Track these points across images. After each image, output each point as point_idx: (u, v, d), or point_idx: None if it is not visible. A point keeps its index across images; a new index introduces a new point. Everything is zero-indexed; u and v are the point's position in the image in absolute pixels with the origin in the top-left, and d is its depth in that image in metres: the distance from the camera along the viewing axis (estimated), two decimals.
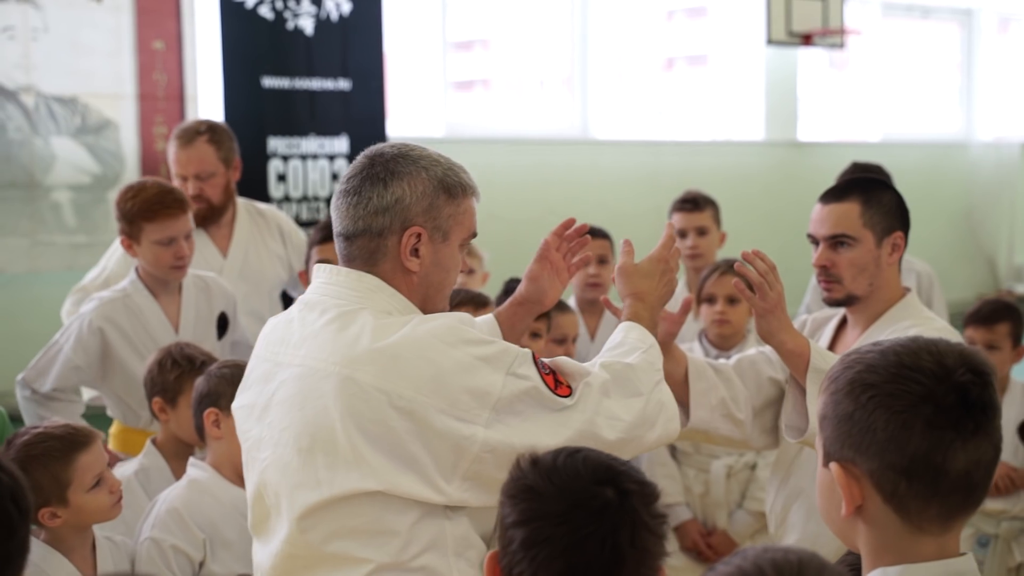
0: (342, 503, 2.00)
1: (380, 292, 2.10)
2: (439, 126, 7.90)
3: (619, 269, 2.40)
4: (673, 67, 10.03)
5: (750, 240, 8.67)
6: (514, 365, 2.04)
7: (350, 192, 2.11)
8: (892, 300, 2.64)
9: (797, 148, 9.41)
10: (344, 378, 1.98)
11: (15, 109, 5.88)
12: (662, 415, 2.20)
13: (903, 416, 1.38)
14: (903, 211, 2.65)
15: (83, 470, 2.54)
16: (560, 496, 1.49)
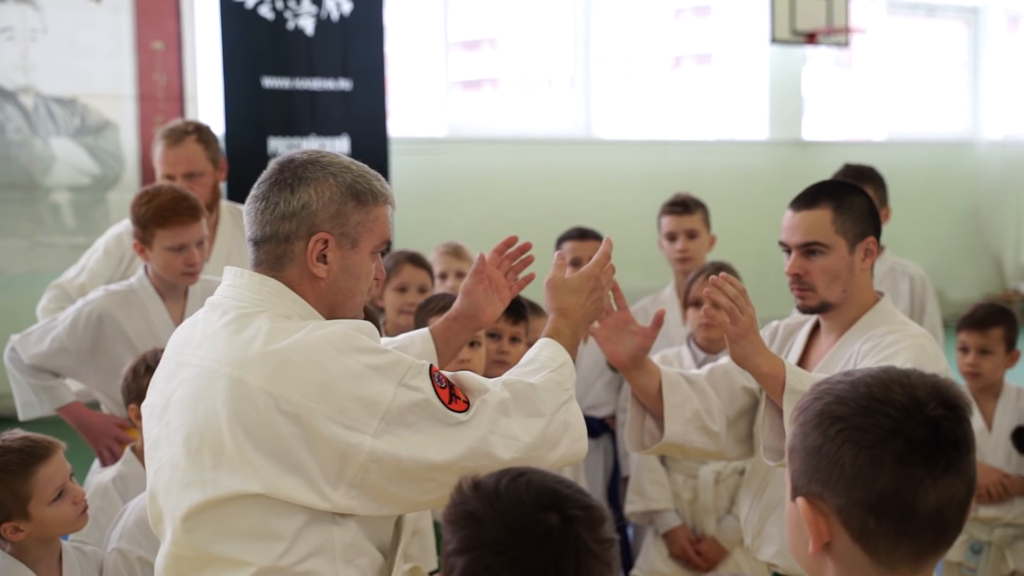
0: (226, 504, 1.99)
1: (281, 296, 2.10)
2: (441, 126, 7.90)
3: (547, 282, 2.39)
4: (680, 66, 10.01)
5: (753, 240, 8.69)
6: (407, 376, 2.03)
7: (259, 198, 2.12)
8: (866, 306, 2.62)
9: (802, 147, 9.38)
10: (234, 380, 1.99)
11: (14, 110, 5.88)
12: (566, 436, 2.19)
13: (872, 451, 1.34)
14: (874, 215, 2.63)
15: (43, 483, 2.49)
16: (501, 523, 1.44)
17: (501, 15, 8.76)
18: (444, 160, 7.74)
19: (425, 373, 2.06)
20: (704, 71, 9.78)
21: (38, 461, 2.52)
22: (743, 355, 2.39)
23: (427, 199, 7.49)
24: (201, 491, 2.00)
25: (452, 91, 8.10)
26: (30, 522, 2.49)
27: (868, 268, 2.61)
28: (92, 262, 3.97)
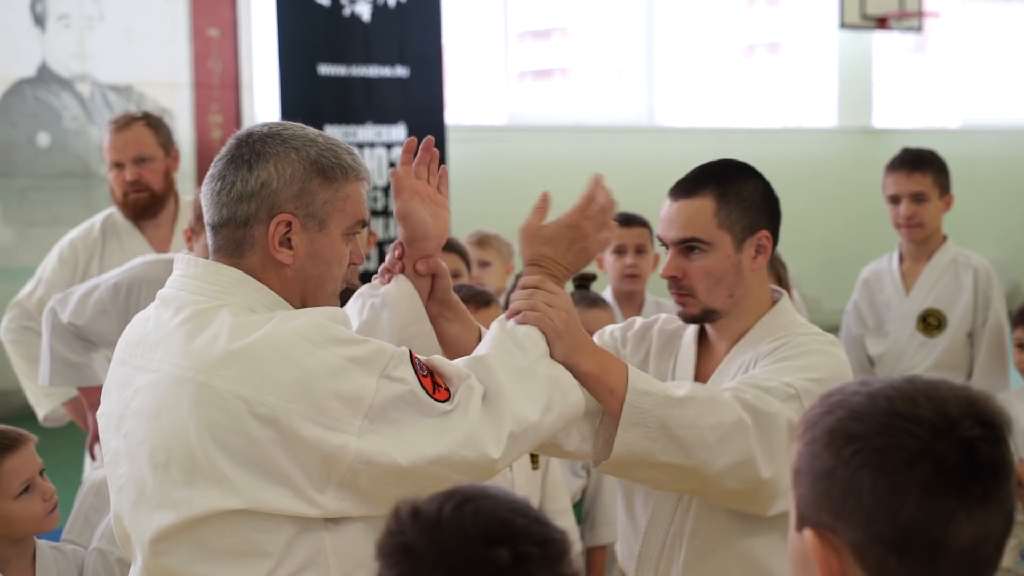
0: (203, 524, 1.79)
1: (242, 286, 1.87)
2: (501, 114, 7.79)
3: (521, 230, 2.10)
4: (751, 54, 9.81)
5: (820, 230, 8.48)
6: (389, 367, 1.81)
7: (214, 177, 1.90)
8: (760, 310, 2.23)
9: (872, 135, 9.13)
10: (200, 385, 1.77)
11: (71, 98, 5.88)
12: (556, 392, 1.97)
13: (894, 478, 1.13)
14: (771, 203, 2.22)
15: (8, 476, 2.38)
16: (442, 561, 1.22)
17: (571, 4, 8.64)
18: (503, 148, 7.64)
19: (407, 361, 1.84)
20: (773, 59, 9.57)
21: (4, 452, 2.39)
22: (563, 355, 2.03)
23: (485, 188, 7.40)
24: (173, 511, 1.80)
25: (519, 80, 8.00)
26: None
27: (761, 267, 2.22)
28: (47, 273, 3.89)
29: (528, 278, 2.06)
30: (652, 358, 2.34)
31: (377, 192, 6.59)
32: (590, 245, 2.09)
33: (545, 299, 2.03)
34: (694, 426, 1.99)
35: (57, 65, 5.84)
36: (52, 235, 5.84)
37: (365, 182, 1.94)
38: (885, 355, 3.93)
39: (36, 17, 5.77)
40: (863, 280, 4.07)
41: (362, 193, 1.93)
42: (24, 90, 5.77)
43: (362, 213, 1.94)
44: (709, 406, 2.00)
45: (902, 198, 3.83)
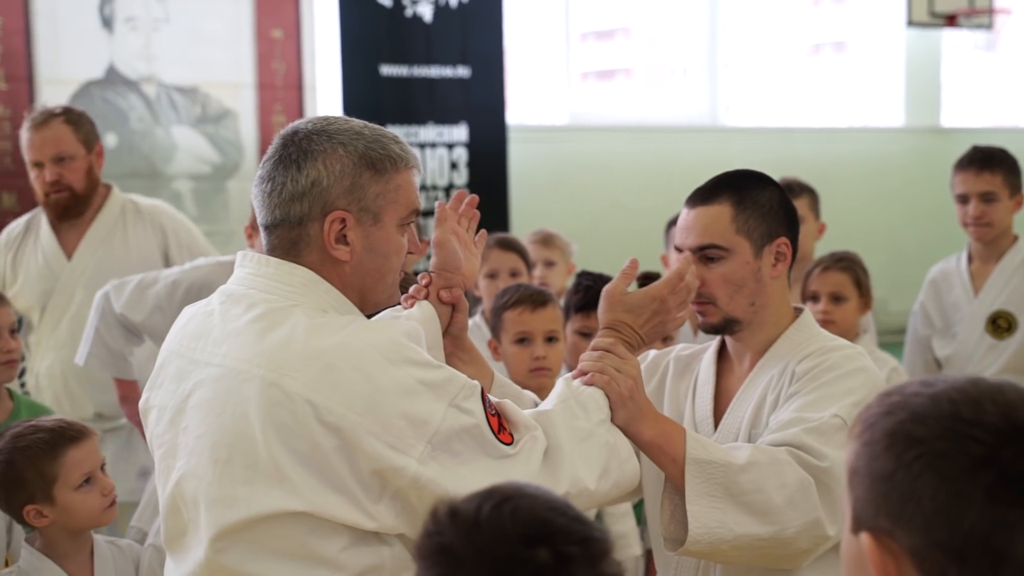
0: (263, 523, 1.78)
1: (314, 287, 1.87)
2: (563, 114, 7.77)
3: (604, 292, 2.13)
4: (817, 53, 9.70)
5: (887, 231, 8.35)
6: (459, 397, 1.80)
7: (264, 179, 1.89)
8: (783, 322, 2.21)
9: (940, 134, 8.98)
10: (269, 383, 1.76)
11: (137, 99, 5.96)
12: (613, 459, 1.95)
13: (957, 484, 1.09)
14: (788, 211, 2.21)
15: (71, 466, 2.43)
16: (481, 562, 1.20)
17: (634, 4, 8.59)
18: (565, 148, 7.62)
19: (477, 395, 1.84)
20: (839, 58, 9.45)
21: (68, 443, 2.44)
22: (625, 421, 2.02)
23: (547, 187, 7.38)
24: (234, 509, 1.79)
25: (581, 80, 7.97)
26: (54, 507, 2.43)
27: (782, 275, 2.20)
28: None
29: (601, 340, 2.08)
30: (669, 384, 2.33)
31: (438, 192, 6.60)
32: (668, 321, 2.12)
33: (615, 364, 2.03)
34: (760, 490, 1.97)
35: (124, 67, 5.92)
36: None
37: (415, 170, 1.93)
38: (953, 357, 3.86)
39: (104, 20, 5.86)
40: (931, 280, 3.99)
41: (413, 182, 1.92)
42: (92, 92, 5.86)
43: (415, 202, 1.93)
44: (772, 468, 1.98)
45: (971, 197, 3.75)
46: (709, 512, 1.97)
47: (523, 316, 3.13)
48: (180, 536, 1.91)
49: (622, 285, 2.12)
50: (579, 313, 3.37)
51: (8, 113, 5.64)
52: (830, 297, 3.50)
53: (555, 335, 3.18)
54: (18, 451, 2.43)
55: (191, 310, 1.98)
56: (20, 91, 5.66)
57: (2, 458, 2.44)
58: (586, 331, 3.29)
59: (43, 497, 2.42)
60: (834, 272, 3.51)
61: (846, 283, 3.51)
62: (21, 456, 2.42)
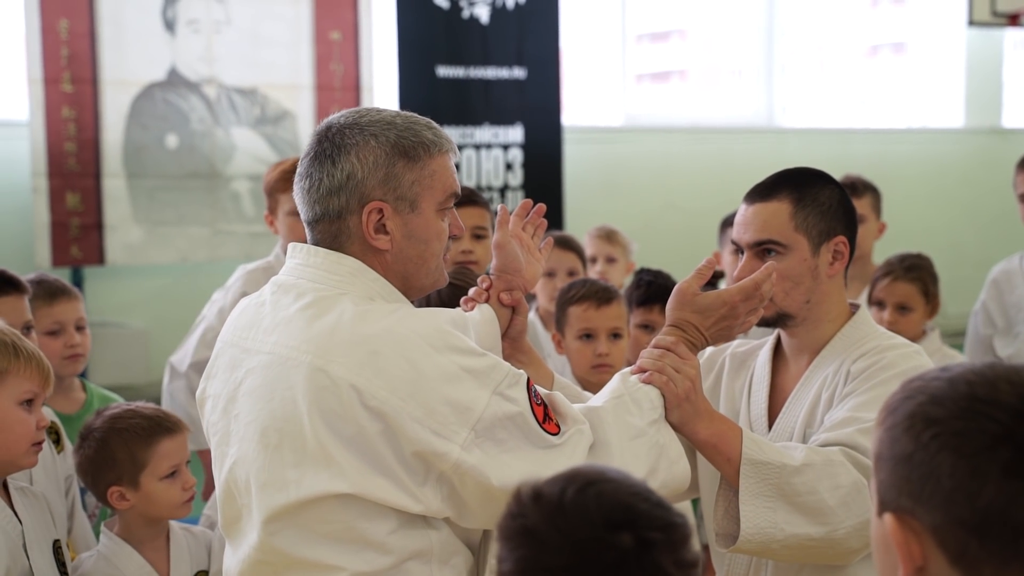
0: (311, 506, 1.82)
1: (362, 276, 1.90)
2: (618, 115, 7.77)
3: (676, 289, 2.12)
4: (876, 54, 9.61)
5: (946, 233, 8.27)
6: (503, 384, 1.82)
7: (302, 176, 1.93)
8: (839, 320, 2.20)
9: (1001, 135, 8.86)
10: (315, 369, 1.80)
11: (198, 100, 6.04)
12: (663, 459, 1.96)
13: (974, 461, 1.12)
14: (847, 210, 2.20)
15: (161, 456, 2.49)
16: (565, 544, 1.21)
17: (689, 6, 8.57)
18: (620, 149, 7.61)
19: (523, 384, 1.86)
20: (898, 59, 9.36)
21: (163, 433, 2.51)
22: (680, 420, 2.03)
23: (602, 188, 7.38)
24: (283, 492, 1.83)
25: (636, 82, 7.96)
26: (137, 492, 2.49)
27: (838, 273, 2.19)
28: None
29: (664, 338, 2.08)
30: (725, 381, 2.33)
31: (493, 193, 6.62)
32: (736, 327, 2.11)
33: (674, 363, 2.04)
34: (814, 492, 1.99)
35: (185, 69, 6.00)
36: (179, 234, 6.02)
37: (450, 154, 1.95)
38: (1015, 356, 3.82)
39: (167, 22, 5.94)
40: (992, 280, 3.95)
41: (449, 165, 1.94)
42: (154, 93, 5.95)
43: (452, 185, 1.95)
44: (826, 469, 1.99)
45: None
46: (762, 512, 1.99)
47: (588, 312, 3.14)
48: (236, 522, 1.95)
49: (696, 284, 2.12)
50: (641, 307, 3.38)
51: (73, 115, 5.75)
52: (896, 307, 3.47)
53: (619, 332, 3.19)
54: (115, 432, 2.49)
55: (245, 302, 2.03)
56: (85, 93, 5.77)
57: (97, 436, 2.51)
58: (648, 324, 3.30)
59: (130, 481, 2.49)
60: (902, 283, 3.47)
61: (914, 294, 3.47)
62: (117, 438, 2.49)
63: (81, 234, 5.80)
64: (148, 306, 6.16)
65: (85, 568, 2.51)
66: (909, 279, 3.46)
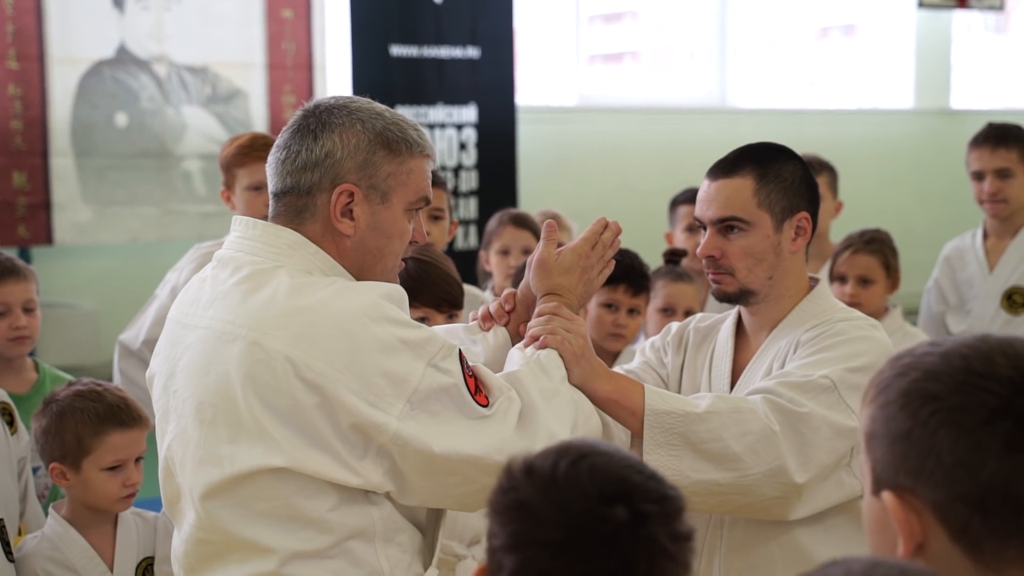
0: (247, 482, 1.80)
1: (301, 249, 1.89)
2: (572, 95, 7.76)
3: (537, 261, 2.12)
4: (826, 36, 9.67)
5: (897, 213, 8.34)
6: (438, 356, 1.82)
7: (280, 147, 1.92)
8: (799, 295, 2.19)
9: (950, 116, 8.96)
10: (251, 343, 1.78)
11: (148, 79, 5.96)
12: (579, 415, 1.98)
13: (975, 436, 1.12)
14: (810, 186, 2.19)
15: (107, 447, 2.45)
16: (559, 518, 1.19)
17: None
18: (573, 129, 7.61)
19: (455, 356, 1.86)
20: (848, 40, 9.42)
21: (116, 425, 2.47)
22: (581, 378, 2.03)
23: (556, 168, 7.38)
24: (218, 468, 1.81)
25: (589, 62, 7.96)
26: (77, 476, 2.46)
27: (800, 249, 2.19)
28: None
29: (545, 306, 2.10)
30: (689, 356, 2.33)
31: (447, 173, 6.59)
32: (594, 277, 2.14)
33: (563, 325, 2.05)
34: (719, 439, 2.00)
35: (135, 46, 5.92)
36: (129, 214, 5.94)
37: (430, 159, 1.95)
38: (967, 333, 3.87)
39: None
40: (945, 257, 4.00)
41: (426, 170, 1.94)
42: (103, 71, 5.86)
43: (425, 190, 1.95)
44: (733, 416, 2.01)
45: (986, 174, 3.75)
46: (667, 460, 2.00)
47: None
48: (176, 500, 1.94)
49: (551, 250, 2.13)
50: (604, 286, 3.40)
51: (20, 92, 5.65)
52: (857, 280, 3.50)
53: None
54: (70, 411, 2.46)
55: (193, 279, 2.02)
56: (31, 70, 5.66)
57: (55, 409, 2.48)
58: (612, 303, 3.31)
59: (72, 463, 2.46)
60: (863, 255, 3.50)
61: (875, 266, 3.51)
62: (70, 417, 2.45)
63: (28, 213, 5.71)
64: (98, 286, 6.08)
65: (28, 549, 2.48)
66: (870, 251, 3.50)
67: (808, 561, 2.07)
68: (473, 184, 6.70)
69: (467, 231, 6.69)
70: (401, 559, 1.88)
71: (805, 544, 2.12)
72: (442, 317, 2.60)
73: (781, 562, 2.12)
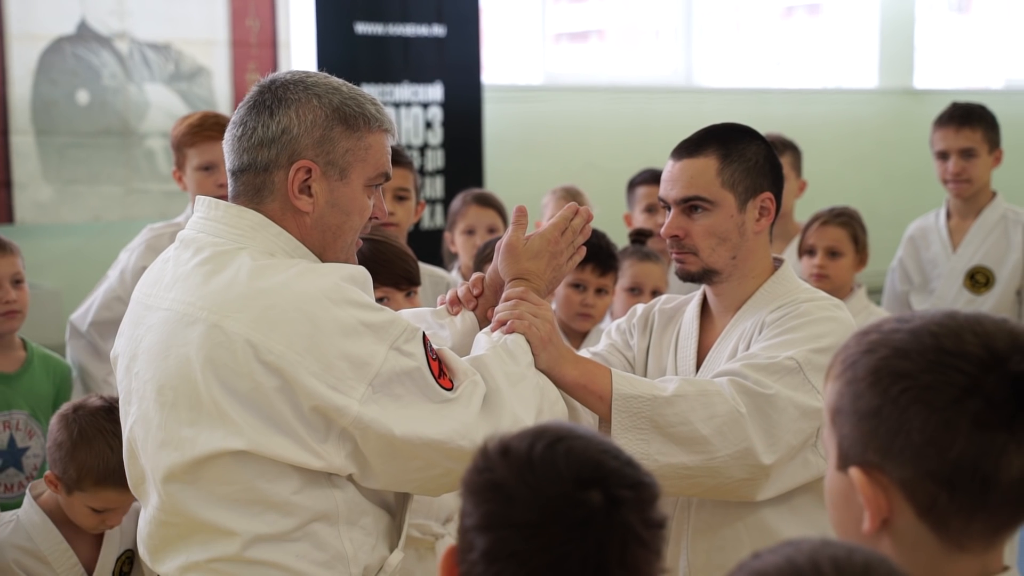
0: (208, 465, 1.79)
1: (263, 230, 1.87)
2: (537, 74, 7.74)
3: (505, 245, 2.13)
4: (791, 16, 9.69)
5: (861, 192, 8.40)
6: (400, 339, 1.82)
7: (236, 124, 1.91)
8: (763, 276, 2.21)
9: (913, 96, 9.02)
10: (211, 325, 1.78)
11: (109, 56, 5.89)
12: (545, 400, 1.98)
13: (945, 414, 1.13)
14: (773, 166, 2.21)
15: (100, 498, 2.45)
16: (533, 501, 1.18)
17: None
18: (540, 108, 7.59)
19: (419, 339, 1.85)
20: (813, 20, 9.44)
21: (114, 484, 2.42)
22: (548, 364, 2.04)
23: (521, 147, 7.36)
24: (179, 450, 1.81)
25: (554, 41, 7.93)
26: (66, 497, 2.47)
27: (764, 230, 2.21)
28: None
29: (512, 290, 2.11)
30: (654, 338, 2.34)
31: (413, 151, 6.56)
32: (563, 263, 2.14)
33: (530, 309, 2.06)
34: (686, 422, 2.01)
35: (96, 22, 5.84)
36: (91, 193, 5.87)
37: (389, 134, 1.94)
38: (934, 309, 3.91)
39: None
40: (909, 237, 4.03)
41: (385, 144, 1.93)
42: (64, 47, 5.78)
43: (384, 166, 1.94)
44: (700, 399, 2.02)
45: (950, 154, 3.78)
46: (635, 444, 2.01)
47: None
48: (141, 482, 1.93)
49: (519, 234, 2.13)
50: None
51: None
52: (826, 252, 3.53)
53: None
54: (84, 443, 2.42)
55: (158, 259, 2.00)
56: None
57: (74, 429, 2.45)
58: (580, 283, 3.33)
59: (65, 486, 2.47)
60: (832, 227, 3.54)
61: (844, 239, 3.54)
62: (81, 450, 2.43)
63: None
64: (60, 266, 6.01)
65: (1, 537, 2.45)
66: (839, 223, 3.54)
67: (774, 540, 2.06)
68: (439, 163, 6.68)
69: (433, 210, 6.67)
70: (365, 541, 1.88)
71: (771, 524, 2.14)
72: (401, 295, 2.60)
73: (748, 542, 2.14)
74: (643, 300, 3.27)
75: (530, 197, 4.70)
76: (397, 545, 1.92)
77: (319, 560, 1.82)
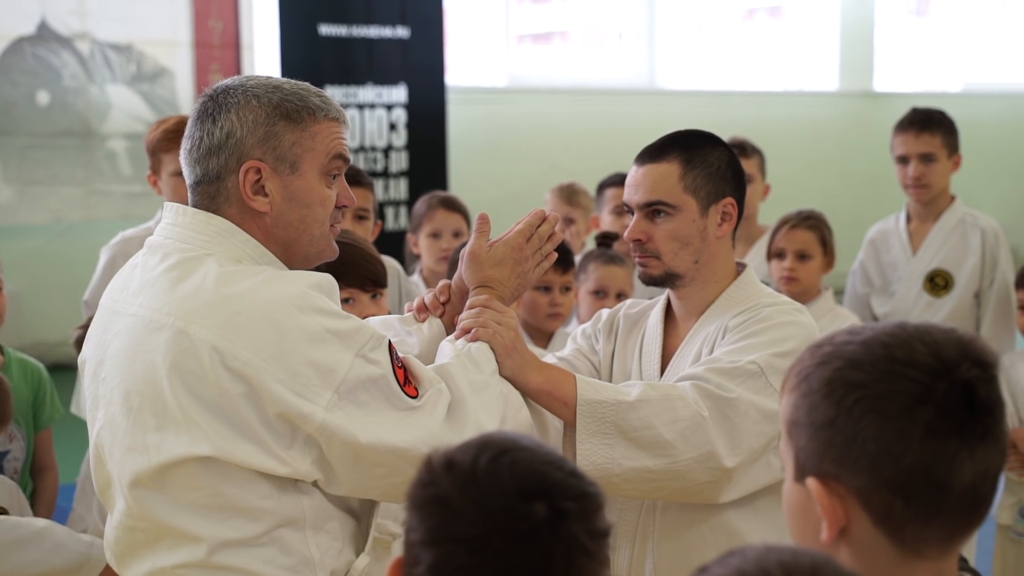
0: (174, 471, 1.79)
1: (230, 236, 1.86)
2: (501, 76, 7.76)
3: (469, 253, 2.12)
4: (752, 18, 9.76)
5: (821, 195, 8.47)
6: (366, 347, 1.81)
7: (187, 137, 1.89)
8: (725, 280, 2.23)
9: (872, 99, 9.11)
10: (177, 331, 1.77)
11: (70, 56, 5.84)
12: (509, 408, 1.98)
13: (898, 423, 1.14)
14: (736, 172, 2.22)
15: None
16: (478, 514, 1.18)
17: None
18: (504, 110, 7.61)
19: (385, 347, 1.84)
20: (774, 22, 9.52)
21: None
22: (512, 371, 2.05)
23: (486, 149, 7.37)
24: (145, 456, 1.80)
25: (518, 43, 7.95)
26: None
27: (727, 235, 2.22)
28: None
29: (476, 298, 2.09)
30: (619, 343, 2.35)
31: (377, 153, 6.56)
32: (528, 270, 2.14)
33: (494, 317, 2.06)
34: (650, 427, 2.02)
35: (57, 23, 5.79)
36: (51, 194, 5.82)
37: (338, 122, 1.92)
38: (891, 315, 3.94)
39: None
40: (870, 240, 4.07)
41: (333, 132, 1.91)
42: (24, 48, 5.73)
43: (336, 149, 1.91)
44: (663, 404, 2.03)
45: (910, 158, 3.82)
46: (599, 449, 2.02)
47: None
48: (107, 488, 1.93)
49: (482, 242, 2.14)
50: None
51: None
52: (796, 255, 3.55)
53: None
54: None
55: (126, 265, 1.99)
56: None
57: None
58: (545, 285, 3.33)
59: None
60: (801, 230, 3.56)
61: (812, 242, 3.57)
62: None
63: None
64: (21, 267, 5.96)
65: None
66: (807, 226, 3.56)
67: (738, 541, 2.10)
68: (403, 165, 6.68)
69: (397, 212, 6.67)
70: (331, 546, 1.88)
71: (735, 525, 2.15)
72: (367, 296, 2.59)
73: (712, 544, 2.15)
74: (608, 303, 3.29)
75: (494, 199, 4.72)
76: (363, 549, 1.92)
77: (285, 565, 1.82)
